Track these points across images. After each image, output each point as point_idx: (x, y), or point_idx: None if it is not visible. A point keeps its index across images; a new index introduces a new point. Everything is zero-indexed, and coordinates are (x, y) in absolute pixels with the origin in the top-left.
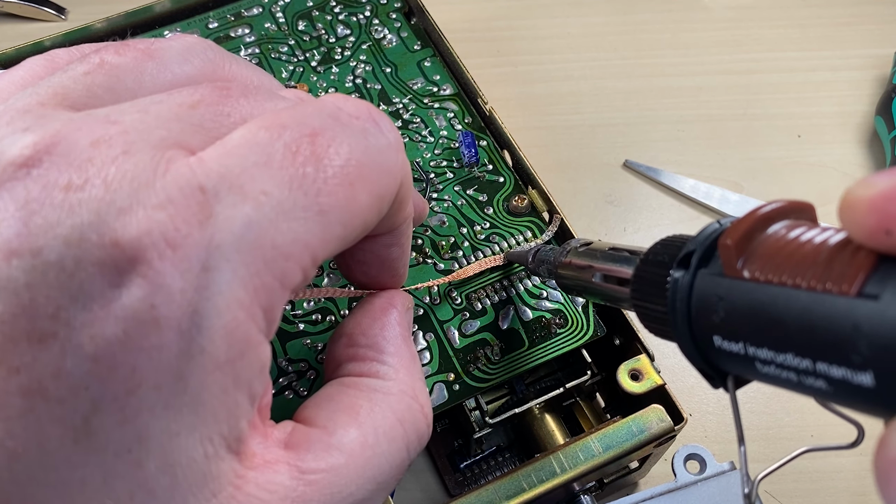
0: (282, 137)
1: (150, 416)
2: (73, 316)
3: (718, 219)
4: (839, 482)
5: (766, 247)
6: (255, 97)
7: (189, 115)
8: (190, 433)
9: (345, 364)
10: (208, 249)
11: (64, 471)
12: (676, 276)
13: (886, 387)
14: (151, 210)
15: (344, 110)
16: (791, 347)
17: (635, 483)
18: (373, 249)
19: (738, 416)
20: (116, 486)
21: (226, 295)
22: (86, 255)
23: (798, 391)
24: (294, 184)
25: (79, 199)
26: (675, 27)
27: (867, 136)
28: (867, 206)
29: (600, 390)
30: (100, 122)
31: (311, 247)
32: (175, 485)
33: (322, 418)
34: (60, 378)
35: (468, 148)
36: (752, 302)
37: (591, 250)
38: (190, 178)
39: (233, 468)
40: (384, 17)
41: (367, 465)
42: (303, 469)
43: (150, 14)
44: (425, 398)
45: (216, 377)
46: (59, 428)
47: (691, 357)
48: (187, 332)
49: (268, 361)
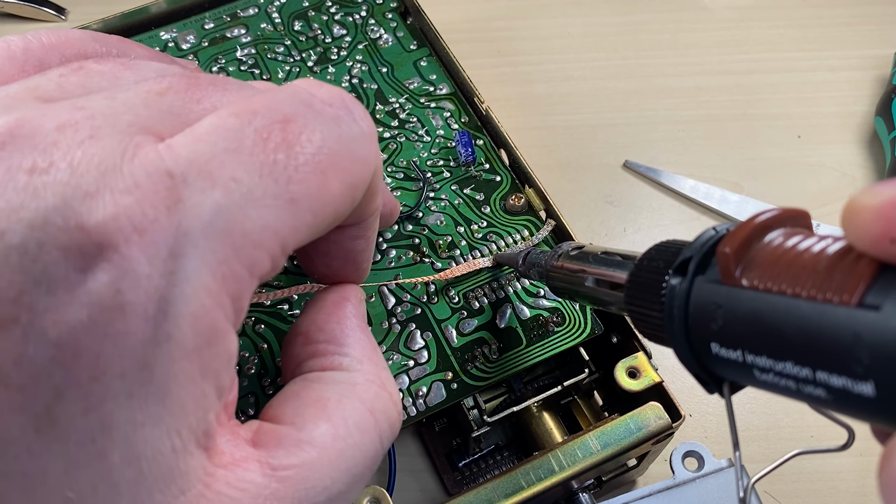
0: (252, 123)
1: (114, 404)
2: (36, 300)
3: (714, 225)
4: (839, 482)
5: (765, 255)
6: (225, 86)
7: (158, 102)
8: (156, 424)
9: (305, 362)
10: (176, 235)
11: (25, 461)
12: (673, 282)
13: (887, 397)
14: (118, 194)
15: (317, 97)
16: (791, 356)
17: (634, 481)
18: (338, 241)
19: (734, 421)
20: (79, 477)
21: (193, 282)
22: (50, 239)
23: (796, 398)
24: (265, 170)
25: (43, 182)
26: (675, 27)
27: (867, 137)
28: (873, 213)
29: (598, 388)
30: (66, 108)
31: (281, 235)
32: (140, 478)
33: (289, 415)
34: (22, 364)
35: (465, 147)
36: (752, 310)
37: (584, 254)
38: (158, 163)
39: (202, 465)
40: (380, 16)
41: (340, 458)
42: (274, 466)
43: (146, 15)
44: (392, 386)
45: (183, 365)
46: (21, 416)
47: (687, 363)
48: (153, 319)
49: (235, 352)
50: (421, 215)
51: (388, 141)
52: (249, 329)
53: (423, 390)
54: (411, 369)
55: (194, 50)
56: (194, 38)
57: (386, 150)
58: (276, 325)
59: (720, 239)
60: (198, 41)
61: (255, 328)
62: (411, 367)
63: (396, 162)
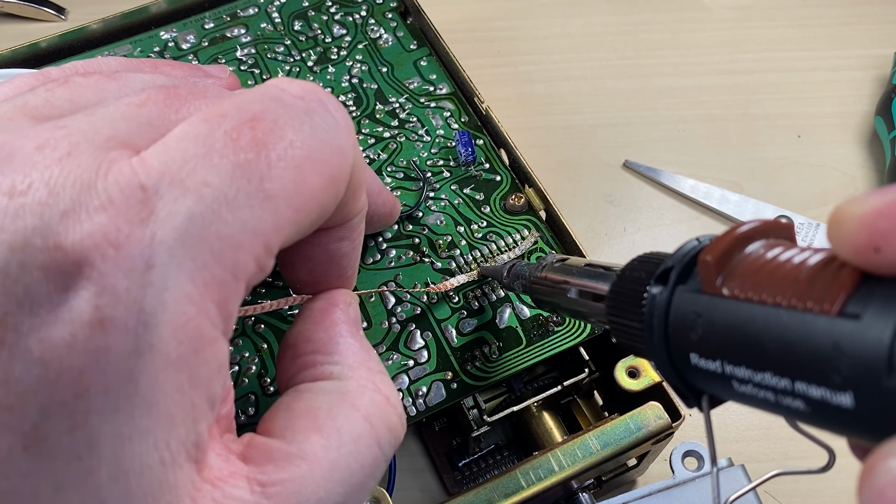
0: (222, 126)
1: (100, 419)
2: (20, 321)
3: (697, 236)
4: (839, 483)
5: (746, 265)
6: (205, 94)
7: (136, 114)
8: (143, 437)
9: (296, 374)
10: (151, 246)
11: (14, 479)
12: (654, 291)
13: (866, 408)
14: (93, 212)
15: (287, 91)
16: (769, 366)
17: (634, 480)
18: (322, 243)
19: (712, 435)
20: (68, 495)
21: (173, 290)
22: (31, 260)
23: (775, 412)
24: (236, 172)
25: (22, 203)
26: (675, 27)
27: (867, 136)
28: (858, 222)
29: (598, 388)
30: (48, 128)
31: (263, 234)
32: (128, 494)
33: (279, 428)
34: (9, 384)
35: (465, 147)
36: (731, 319)
37: (567, 266)
38: (131, 177)
39: (191, 479)
40: (380, 16)
41: (334, 469)
42: (262, 482)
43: (146, 15)
44: (390, 390)
45: (168, 375)
46: (9, 435)
47: (666, 375)
48: (134, 331)
49: (226, 360)
50: (421, 215)
51: (388, 141)
52: (249, 329)
53: (423, 390)
54: (411, 369)
55: (194, 50)
56: (194, 38)
57: (386, 150)
58: (276, 324)
59: (702, 249)
60: (198, 41)
61: (255, 328)
62: (411, 367)
63: (396, 162)
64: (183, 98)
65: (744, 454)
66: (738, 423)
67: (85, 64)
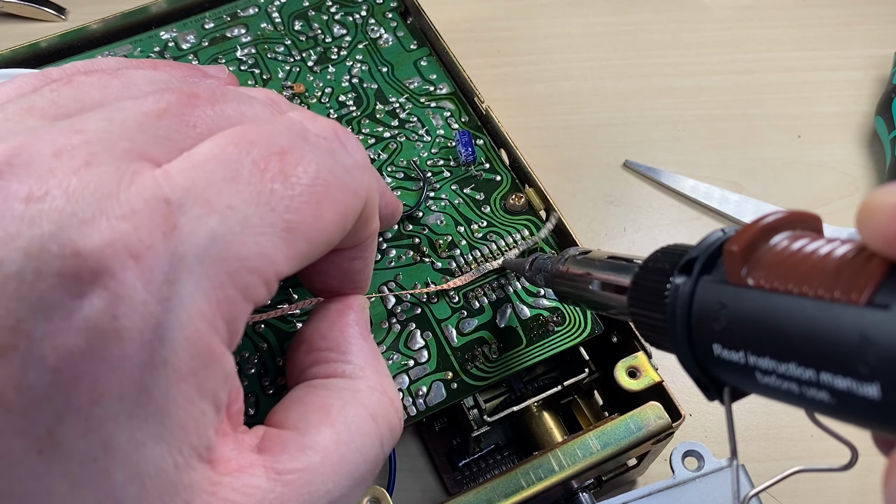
0: (250, 154)
1: (114, 425)
2: (33, 327)
3: (722, 227)
4: (839, 483)
5: (772, 255)
6: (223, 104)
7: (155, 127)
8: (157, 443)
9: (309, 369)
10: (171, 261)
11: (29, 482)
12: (678, 282)
13: (893, 399)
14: (115, 220)
15: (311, 130)
16: (794, 357)
17: (634, 480)
18: (336, 262)
19: (733, 428)
20: (83, 495)
21: (188, 307)
22: (46, 267)
23: (798, 404)
24: (261, 199)
25: (39, 210)
26: (675, 27)
27: (867, 136)
28: (889, 212)
29: (598, 388)
30: (63, 132)
31: (276, 262)
32: (143, 494)
33: (293, 420)
34: (22, 390)
35: (465, 147)
36: (756, 310)
37: (589, 259)
38: (155, 189)
39: (207, 477)
40: (380, 16)
41: (342, 462)
42: (278, 470)
43: (146, 14)
44: (394, 392)
45: (180, 388)
46: (23, 439)
47: (688, 367)
48: (149, 344)
49: (232, 371)
50: (421, 215)
51: (388, 141)
52: (249, 329)
53: (423, 390)
54: (411, 369)
55: (194, 50)
56: (194, 38)
57: (386, 150)
58: (277, 325)
59: (727, 240)
60: (198, 41)
61: (255, 328)
62: (411, 367)
63: (396, 162)
64: (202, 109)
65: (744, 454)
66: (738, 423)
67: (86, 63)
